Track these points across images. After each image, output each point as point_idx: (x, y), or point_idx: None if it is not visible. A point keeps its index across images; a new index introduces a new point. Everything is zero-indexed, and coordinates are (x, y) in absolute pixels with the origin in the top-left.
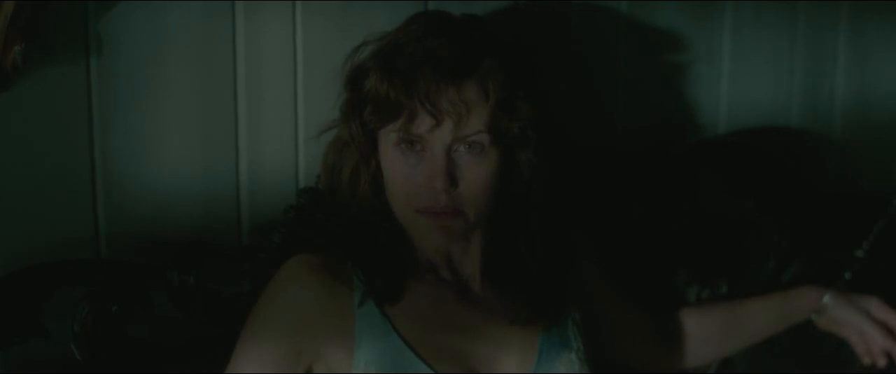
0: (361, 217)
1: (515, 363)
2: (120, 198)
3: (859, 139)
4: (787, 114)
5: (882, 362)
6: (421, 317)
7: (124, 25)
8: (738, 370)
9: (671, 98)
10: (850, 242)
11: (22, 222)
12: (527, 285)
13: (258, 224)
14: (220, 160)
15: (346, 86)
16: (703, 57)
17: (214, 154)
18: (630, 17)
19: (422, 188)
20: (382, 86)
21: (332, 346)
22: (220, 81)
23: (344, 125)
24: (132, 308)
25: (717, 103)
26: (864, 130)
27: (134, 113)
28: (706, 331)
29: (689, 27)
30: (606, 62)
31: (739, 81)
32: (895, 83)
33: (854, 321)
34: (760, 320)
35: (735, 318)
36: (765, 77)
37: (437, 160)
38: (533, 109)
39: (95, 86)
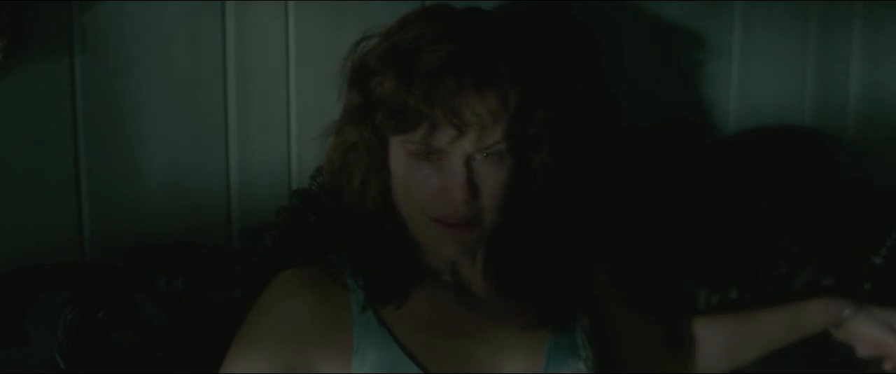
0: (366, 221)
1: (521, 368)
2: (105, 199)
3: (873, 138)
4: (798, 112)
5: None
6: (421, 322)
7: (110, 22)
8: (745, 371)
9: (679, 96)
10: (864, 244)
11: (3, 223)
12: (536, 291)
13: (249, 226)
14: (209, 161)
15: (352, 86)
16: (711, 53)
17: (203, 154)
18: (636, 13)
19: (438, 197)
20: (399, 93)
21: (329, 360)
22: (209, 80)
23: (352, 129)
24: (118, 314)
25: (726, 102)
26: (878, 128)
27: (120, 112)
28: (717, 341)
29: (698, 23)
30: (612, 59)
31: (750, 78)
32: None
33: (875, 335)
34: (774, 331)
35: (748, 329)
36: (776, 74)
37: (456, 172)
38: (550, 113)
39: (80, 84)
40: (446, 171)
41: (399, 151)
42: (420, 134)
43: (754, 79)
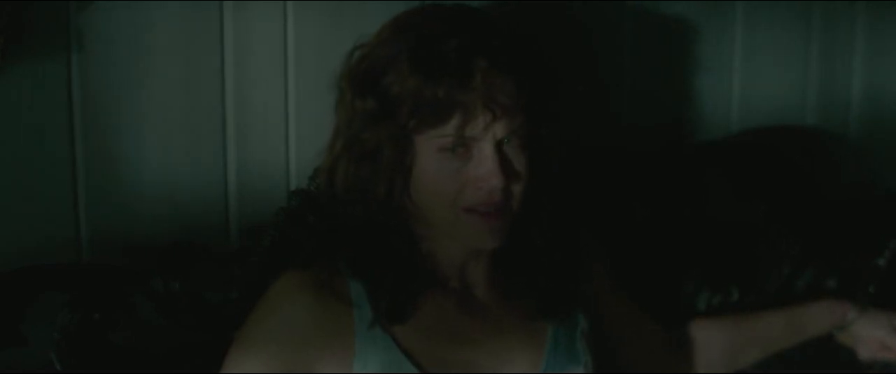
0: (390, 225)
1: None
2: (103, 199)
3: (875, 139)
4: (800, 113)
5: None
6: (424, 329)
7: (107, 22)
8: (746, 372)
9: (679, 96)
10: (865, 246)
11: (1, 224)
12: (537, 281)
13: (247, 227)
14: (207, 161)
15: (362, 93)
16: (712, 53)
17: (201, 154)
18: (636, 13)
19: (471, 187)
20: (427, 87)
21: (330, 363)
22: (207, 80)
23: (370, 134)
24: (116, 315)
25: (726, 101)
26: (880, 129)
27: (117, 112)
28: (718, 343)
29: (699, 22)
30: (611, 59)
31: (751, 78)
32: None
33: (879, 338)
34: (776, 333)
35: (749, 330)
36: (777, 75)
37: (490, 159)
38: (549, 109)
39: (77, 83)
40: (477, 160)
41: (425, 148)
42: (453, 125)
43: (756, 79)
